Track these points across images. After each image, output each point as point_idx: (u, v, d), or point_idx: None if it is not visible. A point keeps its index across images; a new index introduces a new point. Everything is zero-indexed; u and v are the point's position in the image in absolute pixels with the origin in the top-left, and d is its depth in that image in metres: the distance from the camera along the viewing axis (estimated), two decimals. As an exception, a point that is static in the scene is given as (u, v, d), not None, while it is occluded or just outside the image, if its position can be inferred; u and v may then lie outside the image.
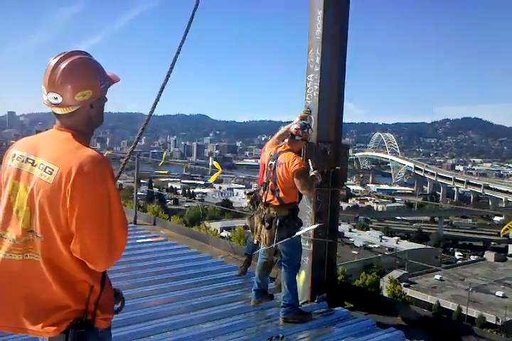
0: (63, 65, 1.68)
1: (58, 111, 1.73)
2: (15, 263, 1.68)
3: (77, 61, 1.71)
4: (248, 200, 4.63)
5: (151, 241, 6.79)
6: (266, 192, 4.18)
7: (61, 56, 1.71)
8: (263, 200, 4.20)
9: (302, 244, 4.45)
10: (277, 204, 4.10)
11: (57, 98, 1.69)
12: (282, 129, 4.49)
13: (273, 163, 4.16)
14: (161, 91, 2.65)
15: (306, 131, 4.18)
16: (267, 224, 4.08)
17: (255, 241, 4.42)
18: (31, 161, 1.70)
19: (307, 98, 4.69)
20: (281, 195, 4.08)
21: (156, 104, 2.63)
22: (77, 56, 1.72)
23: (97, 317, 1.70)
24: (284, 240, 4.04)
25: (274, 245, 4.05)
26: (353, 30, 4.70)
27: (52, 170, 1.62)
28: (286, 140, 4.25)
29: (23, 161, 1.72)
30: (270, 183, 4.15)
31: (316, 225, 4.24)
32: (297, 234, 4.11)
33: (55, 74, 1.68)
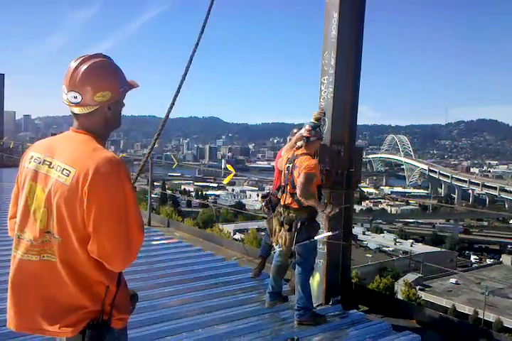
0: (85, 66, 1.71)
1: (77, 110, 1.75)
2: (32, 264, 1.70)
3: (99, 63, 1.74)
4: (263, 203, 4.63)
5: (165, 243, 6.83)
6: (284, 195, 4.18)
7: (82, 58, 1.74)
8: (282, 203, 4.20)
9: (317, 246, 4.45)
10: (296, 206, 4.10)
11: (76, 97, 1.72)
12: (297, 134, 4.50)
13: (290, 165, 4.15)
14: (175, 96, 2.67)
15: (318, 129, 4.17)
16: (286, 227, 4.08)
17: (274, 243, 4.42)
18: (48, 163, 1.72)
19: (321, 100, 4.68)
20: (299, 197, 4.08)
21: (171, 108, 2.66)
22: (99, 59, 1.75)
23: (113, 317, 1.71)
24: (303, 242, 4.04)
25: (293, 247, 4.05)
26: (366, 30, 4.66)
27: (70, 171, 1.64)
28: (299, 143, 4.22)
29: (40, 163, 1.74)
30: (288, 186, 4.15)
31: (335, 232, 4.23)
32: (315, 238, 4.11)
33: (76, 74, 1.71)
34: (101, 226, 1.62)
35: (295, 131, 4.80)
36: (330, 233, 4.25)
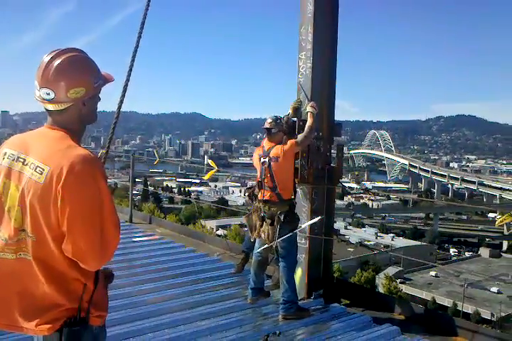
0: (57, 62, 1.67)
1: (50, 107, 1.71)
2: (8, 262, 1.68)
3: (72, 58, 1.69)
4: (246, 194, 4.66)
5: (147, 240, 6.79)
6: (262, 190, 4.21)
7: (55, 53, 1.69)
8: (260, 198, 4.22)
9: (298, 241, 4.48)
10: (277, 200, 4.14)
11: (49, 94, 1.67)
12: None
13: (266, 160, 4.19)
14: (124, 91, 2.65)
15: (278, 121, 4.29)
16: (268, 221, 4.11)
17: (252, 239, 4.43)
18: (22, 160, 1.68)
19: (300, 76, 4.70)
20: (279, 191, 4.14)
21: (121, 103, 2.63)
22: (72, 53, 1.71)
23: (90, 314, 1.70)
24: (287, 235, 4.09)
25: (276, 241, 4.08)
26: (347, 28, 4.71)
27: (43, 169, 1.61)
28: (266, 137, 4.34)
29: (13, 160, 1.70)
30: (266, 180, 4.18)
31: (319, 218, 4.29)
32: (302, 227, 4.21)
33: (49, 70, 1.66)
34: (75, 226, 1.60)
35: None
36: (314, 220, 4.31)
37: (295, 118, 4.59)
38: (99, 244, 1.64)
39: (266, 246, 4.24)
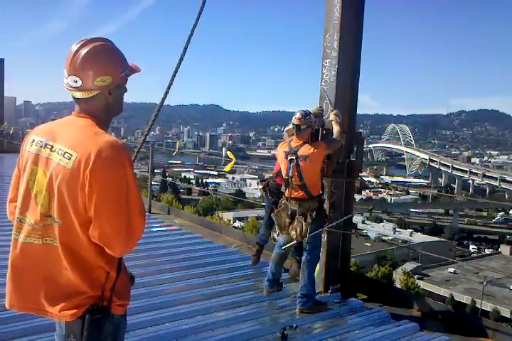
0: (85, 50, 1.70)
1: (77, 94, 1.74)
2: (35, 247, 1.71)
3: (100, 47, 1.72)
4: (261, 186, 4.64)
5: (165, 230, 6.84)
6: (289, 188, 4.15)
7: (83, 42, 1.72)
8: (287, 196, 4.18)
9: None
10: (306, 197, 4.11)
11: (76, 81, 1.71)
12: (289, 125, 4.50)
13: (293, 157, 4.11)
14: (170, 84, 2.67)
15: (307, 117, 4.15)
16: (301, 218, 4.08)
17: (282, 235, 4.41)
18: (50, 146, 1.71)
19: (323, 83, 4.63)
20: (309, 188, 4.10)
21: (166, 95, 2.66)
22: (99, 42, 1.73)
23: (113, 303, 1.72)
24: (317, 231, 4.10)
25: (307, 237, 4.08)
26: (367, 20, 4.60)
27: (71, 155, 1.63)
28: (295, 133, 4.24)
29: (41, 147, 1.73)
30: (293, 179, 4.13)
31: (350, 215, 4.27)
32: (331, 225, 4.21)
33: (77, 58, 1.70)
34: (102, 211, 1.62)
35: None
36: (346, 217, 4.32)
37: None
38: (126, 229, 1.66)
39: (294, 242, 4.23)
